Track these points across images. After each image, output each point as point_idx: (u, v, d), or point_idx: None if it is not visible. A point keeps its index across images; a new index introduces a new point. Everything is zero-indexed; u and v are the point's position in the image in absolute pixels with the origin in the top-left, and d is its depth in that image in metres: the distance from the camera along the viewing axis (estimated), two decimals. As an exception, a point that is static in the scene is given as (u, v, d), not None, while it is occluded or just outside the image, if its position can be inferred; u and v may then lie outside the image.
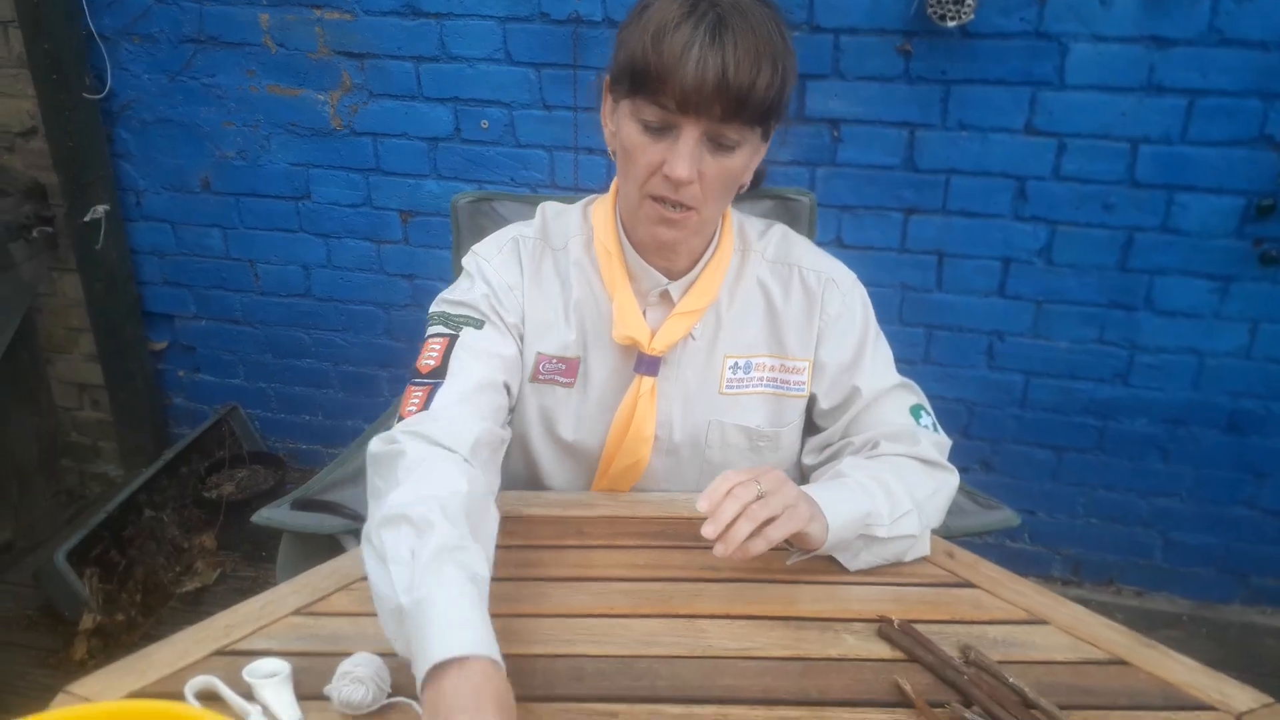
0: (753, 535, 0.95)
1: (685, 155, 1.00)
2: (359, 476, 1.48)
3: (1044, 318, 2.17)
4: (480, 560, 0.90)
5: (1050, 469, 2.30)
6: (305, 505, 1.38)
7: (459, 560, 0.88)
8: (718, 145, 1.02)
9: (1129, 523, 2.30)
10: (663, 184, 1.04)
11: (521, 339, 1.18)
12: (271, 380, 2.67)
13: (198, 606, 2.17)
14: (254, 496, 2.41)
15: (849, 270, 1.23)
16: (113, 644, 2.00)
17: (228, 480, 2.53)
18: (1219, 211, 2.01)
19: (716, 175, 1.04)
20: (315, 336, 2.57)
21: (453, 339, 1.12)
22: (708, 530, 0.94)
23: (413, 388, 1.09)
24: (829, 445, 1.23)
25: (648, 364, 1.17)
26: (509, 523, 1.18)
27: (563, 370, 1.19)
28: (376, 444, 1.03)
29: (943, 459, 1.17)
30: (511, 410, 1.19)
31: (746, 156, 1.06)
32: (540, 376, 1.19)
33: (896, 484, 1.08)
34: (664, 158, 1.02)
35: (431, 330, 1.15)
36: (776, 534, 0.96)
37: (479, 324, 1.14)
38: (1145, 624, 1.00)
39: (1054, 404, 2.24)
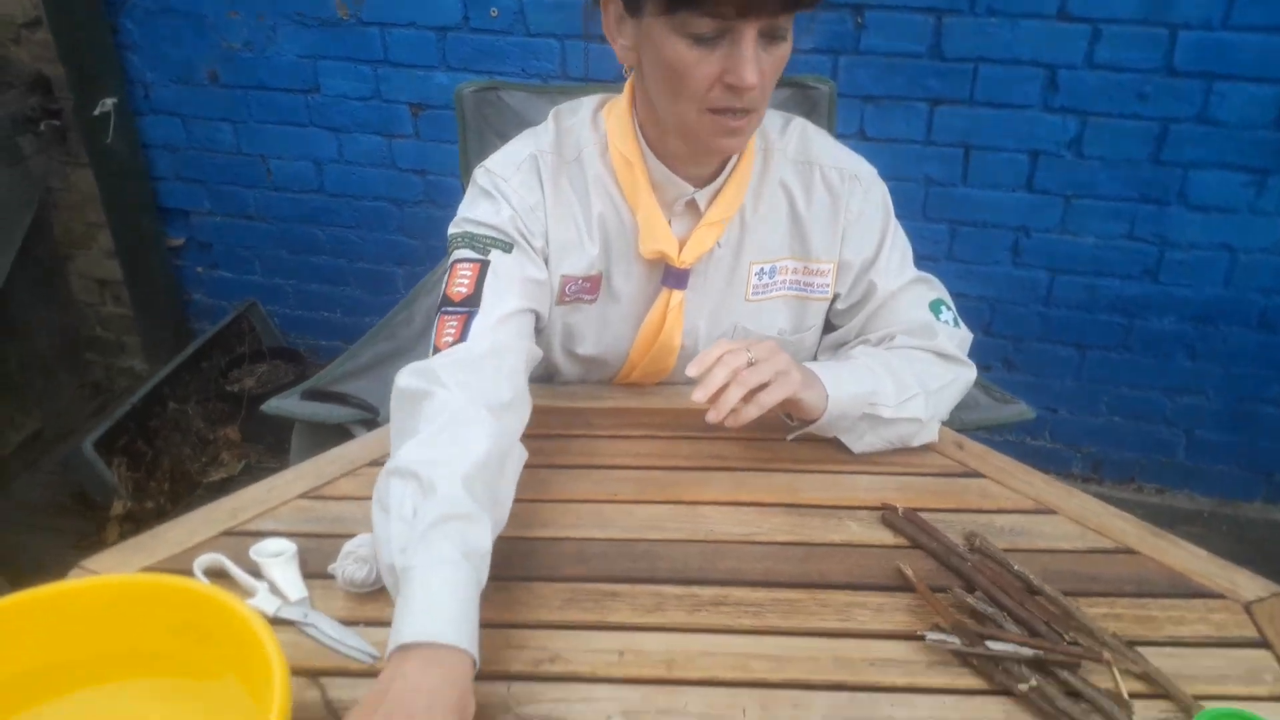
0: (744, 401, 0.95)
1: (750, 59, 0.93)
2: (370, 368, 1.48)
3: (1072, 213, 2.10)
4: (483, 533, 0.83)
5: (1073, 367, 2.26)
6: (315, 396, 1.39)
7: (461, 532, 0.80)
8: (771, 39, 0.95)
9: (1153, 421, 2.27)
10: (725, 95, 0.96)
11: (546, 261, 1.12)
12: (289, 277, 2.66)
13: (223, 495, 2.21)
14: (275, 390, 2.43)
15: (869, 165, 1.19)
16: (144, 529, 2.04)
17: (249, 375, 2.55)
18: (1258, 101, 1.91)
19: (772, 69, 0.98)
20: (329, 233, 2.55)
21: (484, 265, 1.06)
22: (698, 395, 0.94)
23: (446, 317, 1.03)
24: (844, 343, 1.21)
25: (676, 277, 1.13)
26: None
27: (587, 289, 1.15)
28: (406, 377, 0.97)
29: (960, 354, 1.15)
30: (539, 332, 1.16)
31: (792, 41, 1.01)
32: (566, 298, 1.15)
33: (904, 370, 1.07)
34: (722, 67, 0.94)
35: (458, 254, 1.07)
36: (769, 399, 0.97)
37: (507, 247, 1.07)
38: (1165, 521, 0.98)
39: (1079, 301, 2.19)
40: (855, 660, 0.81)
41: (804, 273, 1.18)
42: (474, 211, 1.10)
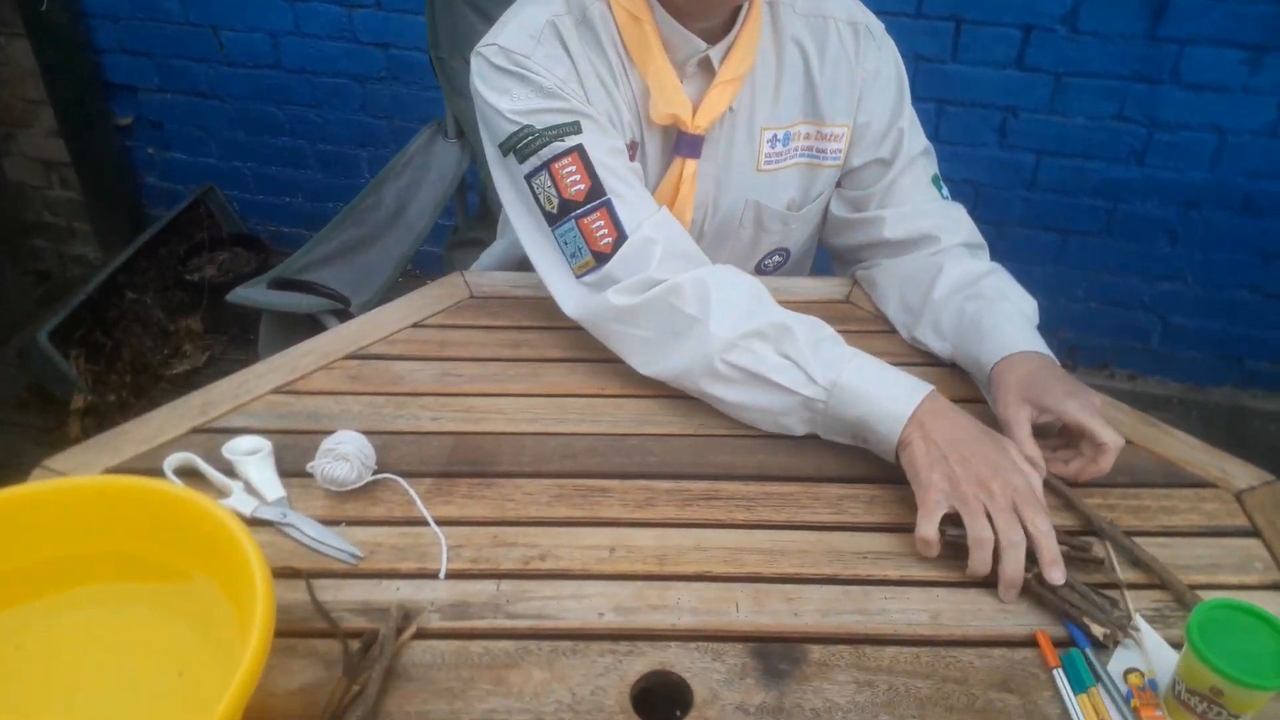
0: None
1: None
2: (339, 255, 1.42)
3: (1062, 92, 2.04)
4: (829, 326, 0.93)
5: (1054, 252, 2.24)
6: (283, 285, 1.33)
7: (829, 336, 0.92)
8: None
9: (1130, 307, 2.27)
10: None
11: None
12: (247, 159, 2.54)
13: (189, 389, 2.16)
14: (237, 279, 2.34)
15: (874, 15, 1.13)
16: (106, 424, 1.96)
17: (209, 263, 2.46)
18: (1263, -29, 1.83)
19: None
20: (288, 112, 2.42)
21: (580, 150, 0.96)
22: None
23: (584, 221, 0.96)
24: (861, 211, 1.15)
25: (689, 144, 1.06)
26: (497, 304, 1.13)
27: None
28: (623, 296, 0.94)
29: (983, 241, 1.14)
30: None
31: None
32: None
33: (1017, 286, 1.06)
34: None
35: (544, 154, 0.97)
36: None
37: (577, 125, 0.97)
38: (1136, 407, 0.98)
39: (1064, 185, 2.15)
40: (848, 553, 0.80)
41: (817, 138, 1.12)
42: (514, 101, 0.98)
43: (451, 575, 0.77)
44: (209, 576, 0.71)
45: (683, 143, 1.06)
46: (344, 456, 0.84)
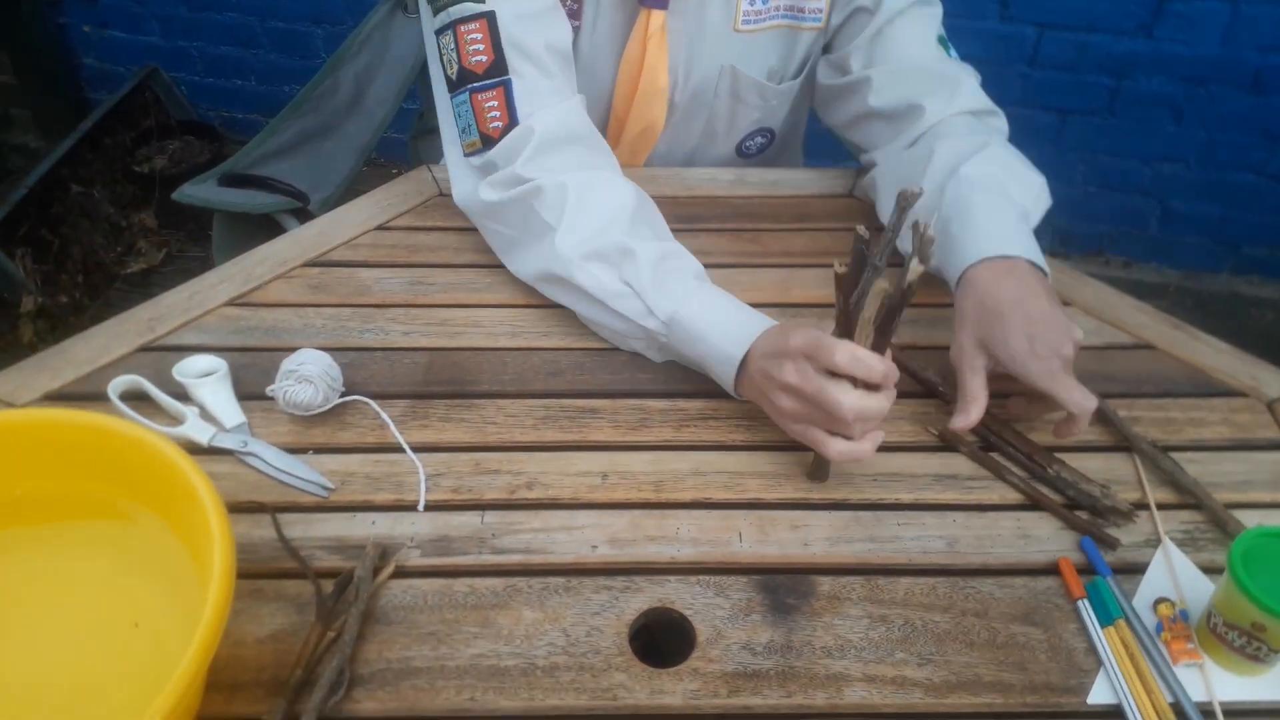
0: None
1: None
2: (295, 147, 1.31)
3: (1070, -42, 1.91)
4: (688, 255, 0.85)
5: (1053, 134, 2.14)
6: (235, 181, 1.22)
7: (676, 267, 0.82)
8: None
9: (1127, 191, 2.19)
10: None
11: None
12: (192, 38, 2.36)
13: (146, 288, 2.06)
14: (189, 171, 2.20)
15: None
16: (60, 326, 1.91)
17: (159, 153, 2.31)
18: None
19: None
20: (234, -16, 2.24)
21: (490, 18, 0.87)
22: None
23: (479, 98, 0.88)
24: (846, 74, 1.03)
25: None
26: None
27: (574, 10, 0.96)
28: (491, 191, 0.88)
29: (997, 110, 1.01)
30: None
31: None
32: None
33: (1015, 167, 0.91)
34: None
35: (451, 10, 0.88)
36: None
37: None
38: (1131, 295, 0.91)
39: (1067, 61, 2.03)
40: (857, 476, 0.75)
41: None
42: None
43: (431, 507, 0.71)
44: (161, 517, 0.64)
45: None
46: (308, 378, 0.77)
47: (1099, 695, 0.61)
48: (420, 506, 0.71)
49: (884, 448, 0.76)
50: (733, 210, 1.03)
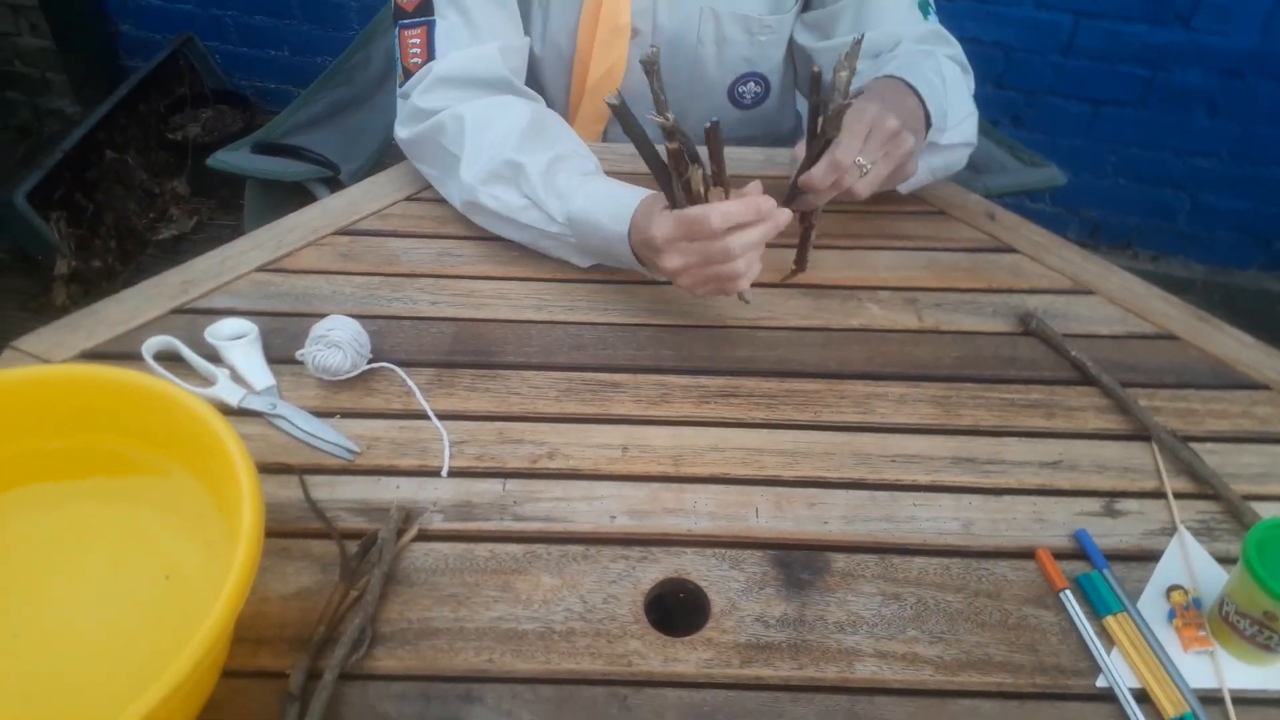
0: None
1: None
2: (327, 119, 1.32)
3: (1108, -55, 1.88)
4: (578, 156, 0.90)
5: (1085, 124, 2.11)
6: (268, 149, 1.23)
7: (565, 169, 0.87)
8: None
9: (1158, 184, 2.16)
10: None
11: None
12: (227, 7, 2.37)
13: (177, 255, 2.09)
14: (222, 139, 2.23)
15: None
16: (93, 290, 1.94)
17: (192, 121, 2.33)
18: None
19: None
20: (269, -46, 2.24)
21: None
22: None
23: (405, 33, 0.95)
24: (830, 37, 1.03)
25: None
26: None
27: None
28: (402, 128, 0.96)
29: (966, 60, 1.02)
30: None
31: None
32: None
33: (955, 81, 0.94)
34: None
35: None
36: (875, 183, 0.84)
37: None
38: (1159, 289, 0.91)
39: (1101, 50, 2.00)
40: (875, 456, 0.76)
41: None
42: None
43: (454, 473, 0.73)
44: (193, 473, 0.66)
45: None
46: (336, 344, 0.78)
47: (1108, 679, 0.62)
48: (444, 472, 0.73)
49: (902, 429, 0.77)
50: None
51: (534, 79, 1.08)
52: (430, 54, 0.94)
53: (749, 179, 0.79)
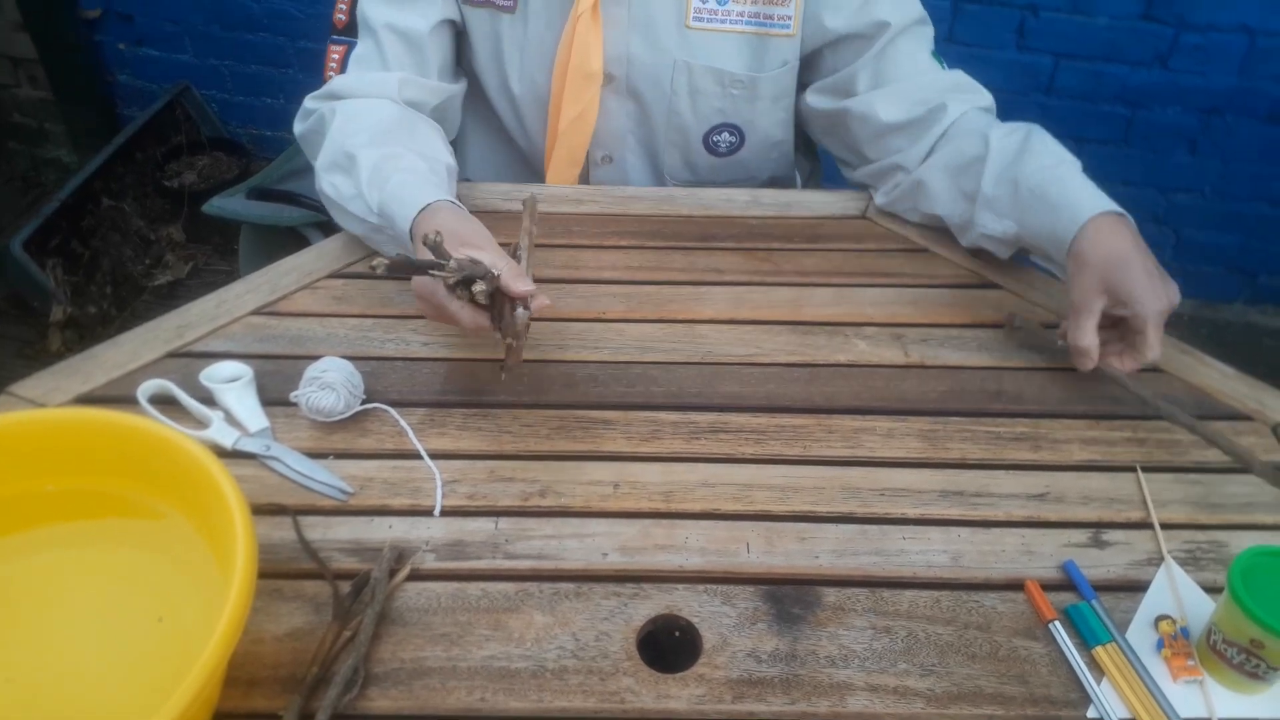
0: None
1: None
2: (321, 164, 1.34)
3: (1086, -11, 1.93)
4: (413, 158, 0.91)
5: (1068, 162, 2.15)
6: (262, 195, 1.26)
7: (395, 167, 0.90)
8: None
9: (1142, 219, 2.14)
10: None
11: None
12: (223, 57, 2.41)
13: (172, 301, 2.10)
14: (217, 186, 2.25)
15: None
16: (88, 336, 1.95)
17: (188, 168, 2.36)
18: None
19: None
20: (265, 6, 2.29)
21: None
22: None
23: (331, 46, 1.06)
24: (849, 96, 1.04)
25: None
26: (488, 219, 1.06)
27: None
28: (299, 125, 1.03)
29: None
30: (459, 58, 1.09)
31: None
32: None
33: (1053, 142, 0.98)
34: None
35: None
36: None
37: None
38: None
39: (1083, 90, 2.05)
40: (864, 490, 0.76)
41: (764, 2, 1.01)
42: None
43: (447, 512, 0.73)
44: (186, 515, 0.66)
45: None
46: (330, 385, 0.79)
47: (1098, 709, 0.62)
48: (436, 512, 0.73)
49: (890, 463, 0.78)
50: (747, 230, 1.05)
51: (515, 118, 1.10)
52: (343, 70, 1.03)
53: (680, 223, 0.81)
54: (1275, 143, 2.02)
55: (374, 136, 0.93)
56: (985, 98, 1.04)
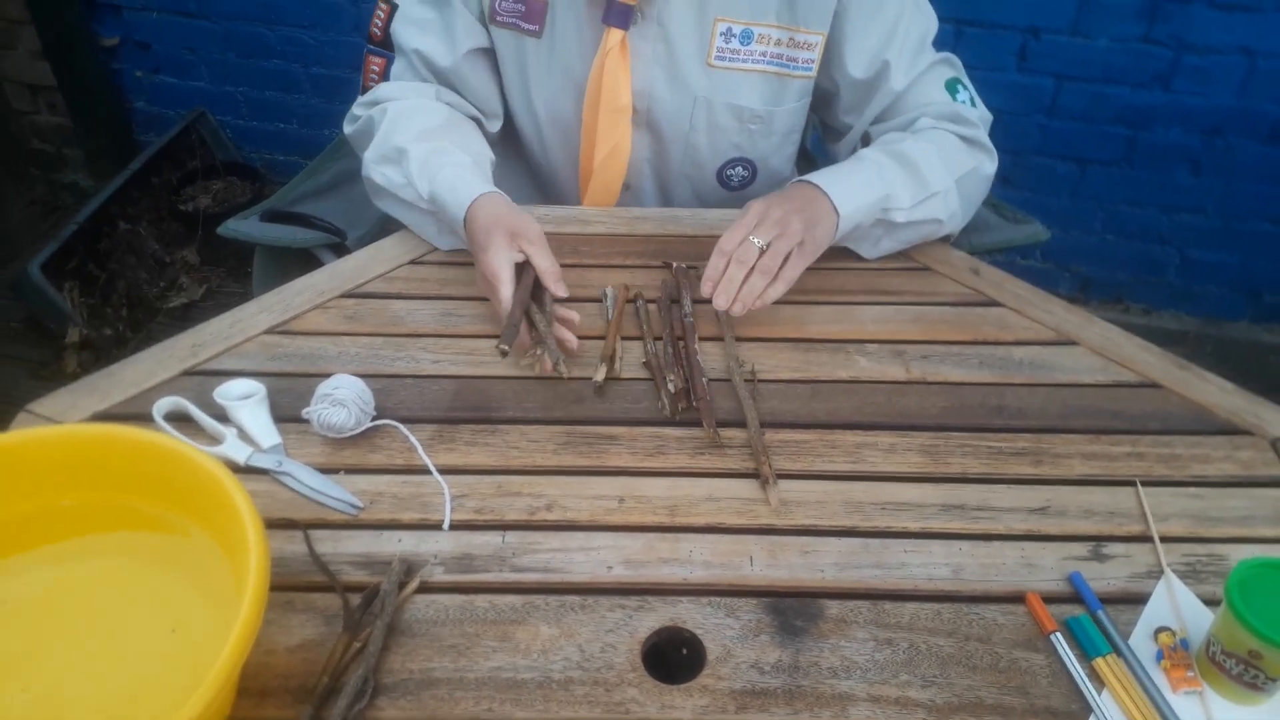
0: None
1: None
2: (333, 188, 1.36)
3: (1087, 11, 1.94)
4: (459, 153, 0.99)
5: (1071, 183, 2.17)
6: (276, 217, 1.28)
7: (446, 160, 0.97)
8: None
9: (1146, 239, 2.21)
10: None
11: None
12: (238, 83, 2.45)
13: (186, 323, 2.12)
14: (231, 209, 2.29)
15: None
16: (103, 358, 1.97)
17: (203, 192, 2.39)
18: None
19: None
20: (279, 33, 2.33)
21: (393, 6, 1.08)
22: (719, 302, 0.87)
23: (370, 56, 1.11)
24: (853, 145, 1.10)
25: (618, 13, 0.99)
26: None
27: (522, 13, 1.04)
28: (348, 127, 1.11)
29: (984, 138, 1.06)
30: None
31: None
32: (500, 18, 1.05)
33: (926, 161, 0.98)
34: None
35: None
36: (793, 274, 0.90)
37: None
38: (1151, 342, 0.94)
39: (1084, 111, 2.07)
40: (866, 504, 0.77)
41: (789, 44, 1.03)
42: None
43: (455, 526, 0.75)
44: (201, 528, 0.68)
45: (611, 10, 1.00)
46: (341, 402, 0.81)
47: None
48: (445, 526, 0.75)
49: (892, 478, 0.79)
50: (751, 250, 1.06)
51: (537, 137, 1.13)
52: (385, 79, 1.11)
53: (684, 243, 0.82)
54: (1277, 163, 2.03)
55: (422, 133, 1.00)
56: (965, 127, 1.04)
